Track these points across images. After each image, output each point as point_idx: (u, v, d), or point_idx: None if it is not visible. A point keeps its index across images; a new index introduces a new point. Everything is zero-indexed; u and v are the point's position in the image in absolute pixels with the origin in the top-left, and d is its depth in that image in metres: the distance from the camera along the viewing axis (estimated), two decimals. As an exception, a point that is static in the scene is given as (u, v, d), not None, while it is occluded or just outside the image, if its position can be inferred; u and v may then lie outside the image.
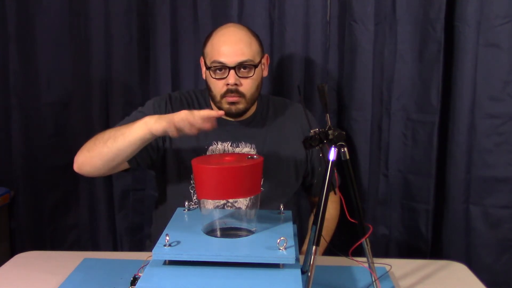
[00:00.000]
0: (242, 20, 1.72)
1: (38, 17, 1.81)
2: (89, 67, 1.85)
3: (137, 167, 1.37)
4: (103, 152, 1.23)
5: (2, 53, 1.83)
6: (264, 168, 1.07)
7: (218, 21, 1.61)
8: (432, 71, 1.61)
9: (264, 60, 1.40)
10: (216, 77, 1.33)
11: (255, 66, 1.33)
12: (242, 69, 1.32)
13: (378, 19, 1.66)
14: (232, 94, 1.32)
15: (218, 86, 1.34)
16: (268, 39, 1.74)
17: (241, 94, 1.33)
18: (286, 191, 1.44)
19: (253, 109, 1.43)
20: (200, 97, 1.46)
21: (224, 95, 1.33)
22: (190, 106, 1.43)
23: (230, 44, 1.32)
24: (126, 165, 1.32)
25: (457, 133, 1.60)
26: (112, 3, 1.80)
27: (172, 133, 1.16)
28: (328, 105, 0.99)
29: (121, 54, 1.83)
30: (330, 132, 0.97)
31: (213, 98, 1.38)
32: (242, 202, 1.31)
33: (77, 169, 1.31)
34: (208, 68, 1.34)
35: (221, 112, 1.17)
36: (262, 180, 1.24)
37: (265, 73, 1.42)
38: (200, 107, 1.44)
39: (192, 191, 1.35)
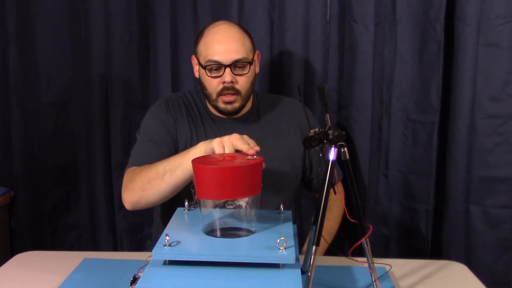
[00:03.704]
0: (242, 20, 1.72)
1: (38, 17, 1.81)
2: (89, 67, 1.85)
3: None
4: (161, 188, 1.22)
5: (2, 53, 1.83)
6: None
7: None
8: (432, 71, 1.61)
9: (255, 57, 1.41)
10: (212, 75, 1.34)
11: (250, 63, 1.35)
12: (237, 67, 1.33)
13: (378, 19, 1.66)
14: (228, 92, 1.34)
15: (213, 85, 1.35)
16: (268, 39, 1.74)
17: (237, 91, 1.35)
18: (285, 187, 1.44)
19: (248, 106, 1.44)
20: (197, 98, 1.47)
21: (220, 93, 1.35)
22: (188, 108, 1.44)
23: (225, 43, 1.33)
24: None
25: (457, 133, 1.60)
26: (112, 3, 1.80)
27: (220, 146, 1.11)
28: (328, 105, 0.99)
29: (121, 54, 1.83)
30: (330, 132, 0.96)
31: (208, 96, 1.39)
32: (242, 199, 1.30)
33: (131, 207, 1.30)
34: (203, 67, 1.35)
35: (257, 149, 1.08)
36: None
37: (257, 70, 1.44)
38: (197, 108, 1.44)
39: (192, 191, 1.35)
